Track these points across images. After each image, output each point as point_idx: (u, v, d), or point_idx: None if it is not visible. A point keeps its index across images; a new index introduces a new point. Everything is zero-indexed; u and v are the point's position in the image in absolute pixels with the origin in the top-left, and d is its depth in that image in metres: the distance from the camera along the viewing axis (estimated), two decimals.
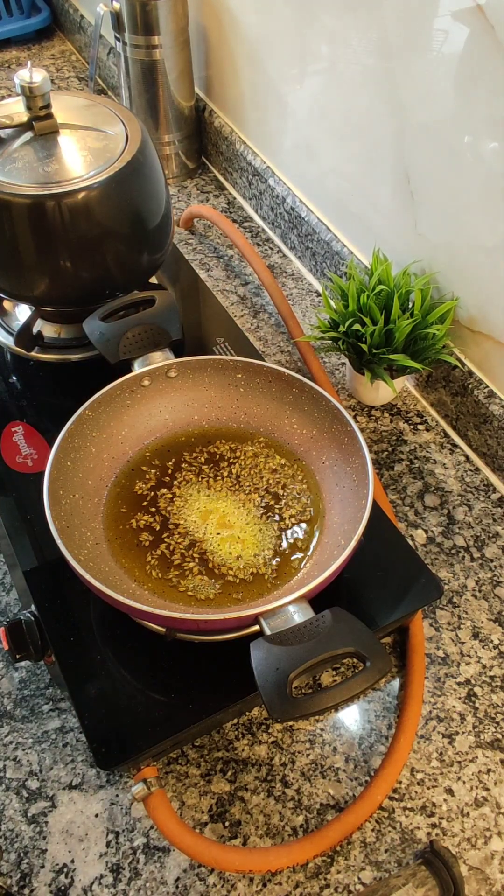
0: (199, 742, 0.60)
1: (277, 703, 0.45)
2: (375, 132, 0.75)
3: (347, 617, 0.48)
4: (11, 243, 0.67)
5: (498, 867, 0.54)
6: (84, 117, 0.71)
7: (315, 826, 0.56)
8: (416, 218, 0.74)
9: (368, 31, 0.71)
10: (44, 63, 1.35)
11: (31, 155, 0.67)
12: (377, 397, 0.81)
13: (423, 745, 0.60)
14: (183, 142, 1.07)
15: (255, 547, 0.59)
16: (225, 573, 0.58)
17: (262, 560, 0.59)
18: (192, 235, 1.02)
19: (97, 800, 0.57)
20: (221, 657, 0.56)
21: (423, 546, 0.71)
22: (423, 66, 0.66)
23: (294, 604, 0.50)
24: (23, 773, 0.58)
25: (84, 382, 0.65)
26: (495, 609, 0.67)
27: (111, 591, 0.50)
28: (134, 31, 0.94)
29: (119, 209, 0.68)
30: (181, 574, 0.58)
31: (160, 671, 0.57)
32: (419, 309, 0.71)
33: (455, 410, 0.78)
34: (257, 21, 0.88)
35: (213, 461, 0.65)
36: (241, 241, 0.91)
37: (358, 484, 0.59)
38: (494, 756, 0.59)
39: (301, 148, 0.90)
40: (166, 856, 0.55)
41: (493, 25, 0.57)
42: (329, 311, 0.75)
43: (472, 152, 0.64)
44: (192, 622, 0.51)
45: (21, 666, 0.63)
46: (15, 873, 0.54)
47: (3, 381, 0.78)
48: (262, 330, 0.90)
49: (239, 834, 0.56)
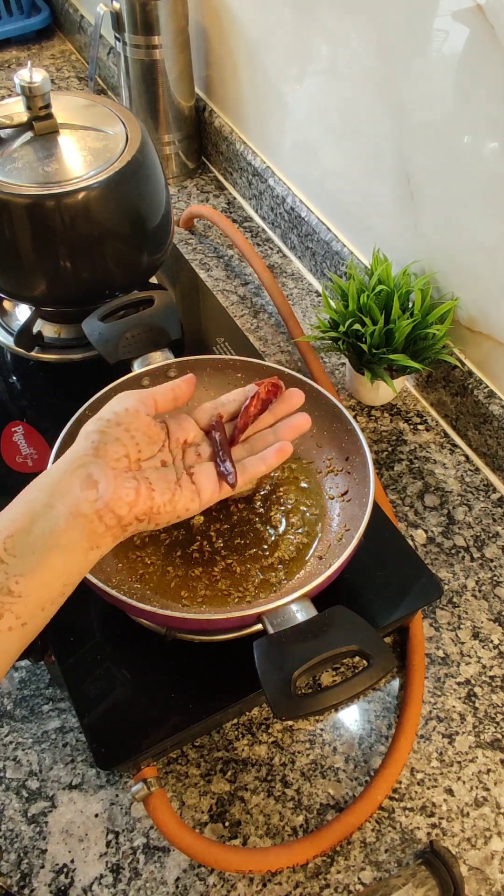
0: (199, 742, 0.60)
1: (282, 702, 0.45)
2: (375, 132, 0.75)
3: (350, 615, 0.48)
4: (11, 243, 0.67)
5: (498, 867, 0.54)
6: (84, 117, 0.71)
7: (315, 826, 0.56)
8: (416, 218, 0.74)
9: (368, 30, 0.71)
10: (44, 63, 1.35)
11: (31, 155, 0.67)
12: (377, 397, 0.81)
13: (423, 745, 0.60)
14: (183, 142, 1.07)
15: (256, 546, 0.59)
16: (226, 573, 0.58)
17: (264, 559, 0.59)
18: (192, 235, 1.02)
19: (97, 800, 0.57)
20: (221, 657, 0.56)
21: (423, 546, 0.71)
22: (422, 66, 0.66)
23: (296, 602, 0.50)
24: (23, 773, 0.58)
25: (84, 382, 0.65)
26: (495, 609, 0.67)
27: (112, 590, 0.50)
28: (134, 31, 0.94)
29: (119, 209, 0.68)
30: (182, 573, 0.58)
31: (160, 671, 0.57)
32: (419, 309, 0.71)
33: (455, 410, 0.78)
34: (257, 21, 0.88)
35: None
36: (241, 241, 0.91)
37: (359, 483, 0.59)
38: (494, 756, 0.59)
39: (301, 148, 0.90)
40: (166, 856, 0.55)
41: (493, 25, 0.57)
42: (329, 311, 0.75)
43: (472, 152, 0.64)
44: (194, 622, 0.51)
45: (21, 666, 0.63)
46: (15, 873, 0.54)
47: (3, 381, 0.78)
48: (262, 330, 0.90)
49: (239, 834, 0.56)
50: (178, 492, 0.48)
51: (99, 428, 0.47)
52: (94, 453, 0.45)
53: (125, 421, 0.47)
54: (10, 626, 0.40)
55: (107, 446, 0.46)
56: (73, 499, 0.43)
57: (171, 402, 0.51)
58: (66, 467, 0.44)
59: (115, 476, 0.45)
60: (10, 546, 0.41)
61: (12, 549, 0.41)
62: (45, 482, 0.44)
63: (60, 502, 0.43)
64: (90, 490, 0.43)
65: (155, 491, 0.47)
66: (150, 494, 0.46)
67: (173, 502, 0.47)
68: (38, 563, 0.41)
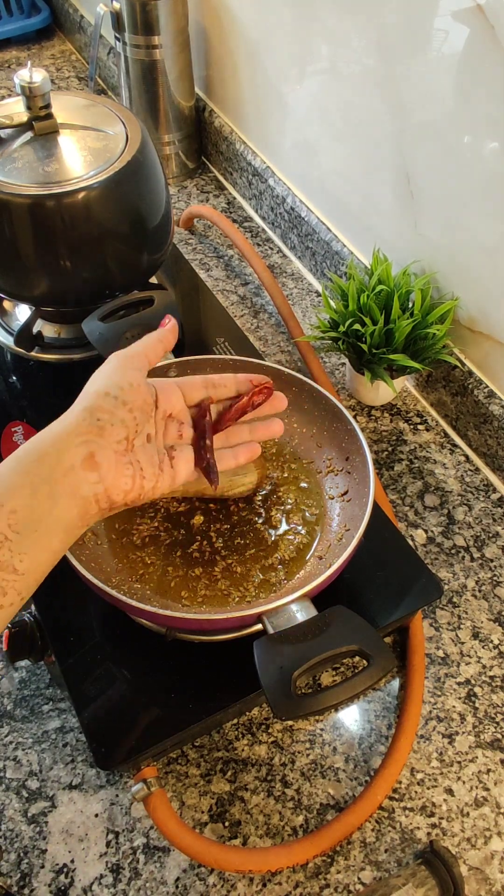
0: (199, 742, 0.60)
1: (282, 702, 0.45)
2: (375, 132, 0.75)
3: (350, 615, 0.48)
4: (11, 243, 0.67)
5: (498, 867, 0.54)
6: (84, 117, 0.71)
7: (315, 826, 0.56)
8: (416, 218, 0.74)
9: (368, 30, 0.71)
10: (44, 63, 1.35)
11: (31, 155, 0.67)
12: (377, 397, 0.81)
13: (423, 745, 0.60)
14: (183, 142, 1.07)
15: (256, 546, 0.59)
16: (226, 573, 0.58)
17: (264, 559, 0.59)
18: (192, 235, 1.02)
19: (97, 800, 0.57)
20: (221, 657, 0.56)
21: (423, 546, 0.71)
22: (422, 65, 0.66)
23: (296, 602, 0.50)
24: (23, 773, 0.58)
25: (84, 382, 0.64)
26: (495, 609, 0.67)
27: (112, 590, 0.50)
28: (134, 31, 0.94)
29: (119, 209, 0.68)
30: (182, 573, 0.58)
31: (160, 671, 0.57)
32: (419, 309, 0.71)
33: (455, 410, 0.78)
34: (257, 21, 0.88)
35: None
36: (241, 241, 0.91)
37: (359, 483, 0.59)
38: (494, 756, 0.59)
39: (301, 148, 0.90)
40: (166, 856, 0.55)
41: (493, 25, 0.57)
42: (329, 311, 0.75)
43: (472, 152, 0.64)
44: (195, 622, 0.51)
45: (21, 666, 0.63)
46: (15, 873, 0.54)
47: (3, 381, 0.78)
48: (262, 330, 0.90)
49: (239, 834, 0.56)
50: (160, 477, 0.48)
51: (107, 407, 0.45)
52: (98, 433, 0.44)
53: (130, 400, 0.46)
54: (12, 602, 0.41)
55: (113, 428, 0.45)
56: (74, 478, 0.42)
57: (161, 354, 0.51)
58: (67, 438, 0.43)
59: (116, 461, 0.44)
60: (13, 522, 0.40)
61: (16, 524, 0.40)
62: (45, 451, 0.43)
63: (62, 479, 0.42)
64: (92, 472, 0.43)
65: (145, 478, 0.46)
66: (142, 482, 0.46)
67: (155, 488, 0.47)
68: (39, 541, 0.41)
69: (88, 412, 0.45)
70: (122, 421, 0.45)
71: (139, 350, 0.49)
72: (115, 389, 0.46)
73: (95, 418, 0.44)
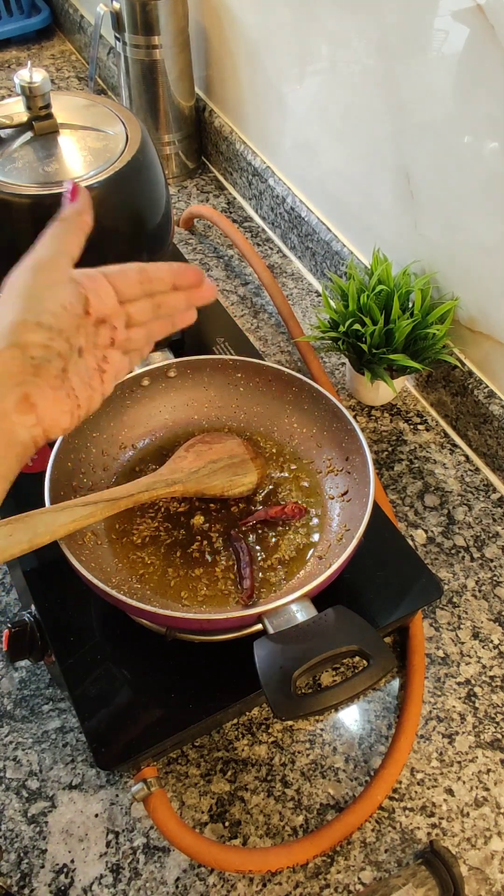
0: (199, 742, 0.60)
1: (282, 702, 0.45)
2: (375, 132, 0.75)
3: (350, 615, 0.48)
4: (11, 243, 0.67)
5: (498, 867, 0.54)
6: (84, 117, 0.71)
7: (315, 826, 0.56)
8: (416, 218, 0.74)
9: (368, 30, 0.71)
10: (44, 63, 1.35)
11: (31, 155, 0.67)
12: (377, 397, 0.81)
13: (423, 745, 0.60)
14: (183, 142, 1.07)
15: (256, 546, 0.59)
16: (227, 572, 0.58)
17: (264, 559, 0.59)
18: (192, 235, 1.02)
19: (97, 800, 0.57)
20: (221, 657, 0.56)
21: (423, 546, 0.71)
22: (422, 65, 0.66)
23: (296, 602, 0.50)
24: (23, 773, 0.58)
25: None
26: (495, 609, 0.67)
27: (112, 590, 0.50)
28: (134, 31, 0.94)
29: (119, 209, 0.68)
30: (183, 574, 0.58)
31: (160, 671, 0.57)
32: (419, 309, 0.71)
33: (455, 410, 0.78)
34: (257, 21, 0.88)
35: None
36: (241, 241, 0.91)
37: (359, 483, 0.59)
38: (494, 756, 0.59)
39: (301, 148, 0.90)
40: (166, 856, 0.55)
41: (493, 25, 0.57)
42: (329, 311, 0.75)
43: (472, 152, 0.64)
44: (195, 622, 0.51)
45: (21, 666, 0.63)
46: (15, 873, 0.54)
47: None
48: (262, 330, 0.90)
49: (239, 834, 0.56)
50: (93, 398, 0.43)
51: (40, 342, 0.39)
52: (33, 372, 0.39)
53: (66, 326, 0.40)
54: None
55: (50, 364, 0.39)
56: (8, 423, 0.38)
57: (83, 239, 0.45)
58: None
59: (53, 398, 0.40)
60: None
61: None
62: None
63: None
64: (28, 415, 0.39)
65: (80, 406, 0.42)
66: (78, 413, 0.42)
67: (88, 411, 0.43)
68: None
69: (19, 350, 0.38)
70: (59, 354, 0.40)
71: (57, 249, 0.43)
72: (46, 317, 0.39)
73: (29, 356, 0.39)
